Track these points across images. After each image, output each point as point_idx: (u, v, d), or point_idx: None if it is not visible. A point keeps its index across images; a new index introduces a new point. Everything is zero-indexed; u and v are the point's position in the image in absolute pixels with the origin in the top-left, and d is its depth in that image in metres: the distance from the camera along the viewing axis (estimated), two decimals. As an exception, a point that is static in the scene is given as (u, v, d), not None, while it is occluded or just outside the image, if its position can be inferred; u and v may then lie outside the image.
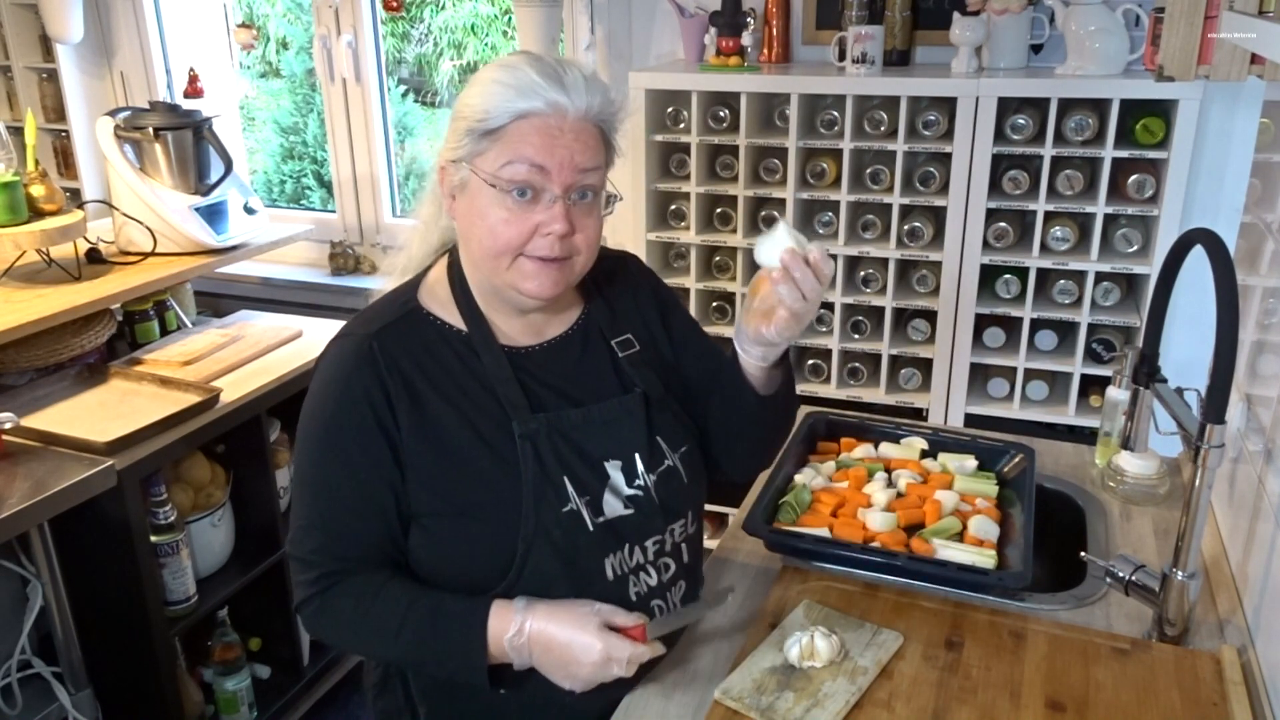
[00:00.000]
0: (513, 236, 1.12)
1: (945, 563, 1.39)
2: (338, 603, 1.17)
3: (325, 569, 1.17)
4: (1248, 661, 1.24)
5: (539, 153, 1.10)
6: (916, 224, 2.34)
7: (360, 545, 1.17)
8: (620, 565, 1.19)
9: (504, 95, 1.10)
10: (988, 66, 2.34)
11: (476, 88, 1.13)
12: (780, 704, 1.15)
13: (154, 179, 2.53)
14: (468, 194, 1.15)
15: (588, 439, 1.19)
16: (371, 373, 1.15)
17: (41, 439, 1.90)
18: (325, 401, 1.17)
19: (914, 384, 2.48)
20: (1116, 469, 1.65)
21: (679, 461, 1.25)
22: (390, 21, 4.21)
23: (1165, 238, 2.13)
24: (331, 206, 3.40)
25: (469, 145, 1.12)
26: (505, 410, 1.16)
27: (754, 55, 2.57)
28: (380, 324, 1.19)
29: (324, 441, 1.17)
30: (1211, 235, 1.15)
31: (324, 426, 1.17)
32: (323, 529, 1.17)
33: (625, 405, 1.22)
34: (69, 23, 3.11)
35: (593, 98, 1.12)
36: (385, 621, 1.15)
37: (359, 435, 1.15)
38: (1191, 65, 1.62)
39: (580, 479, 1.17)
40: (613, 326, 1.27)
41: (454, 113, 1.15)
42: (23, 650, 1.97)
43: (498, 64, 1.14)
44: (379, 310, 1.22)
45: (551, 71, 1.11)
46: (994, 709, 1.16)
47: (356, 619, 1.16)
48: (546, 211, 1.12)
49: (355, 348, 1.17)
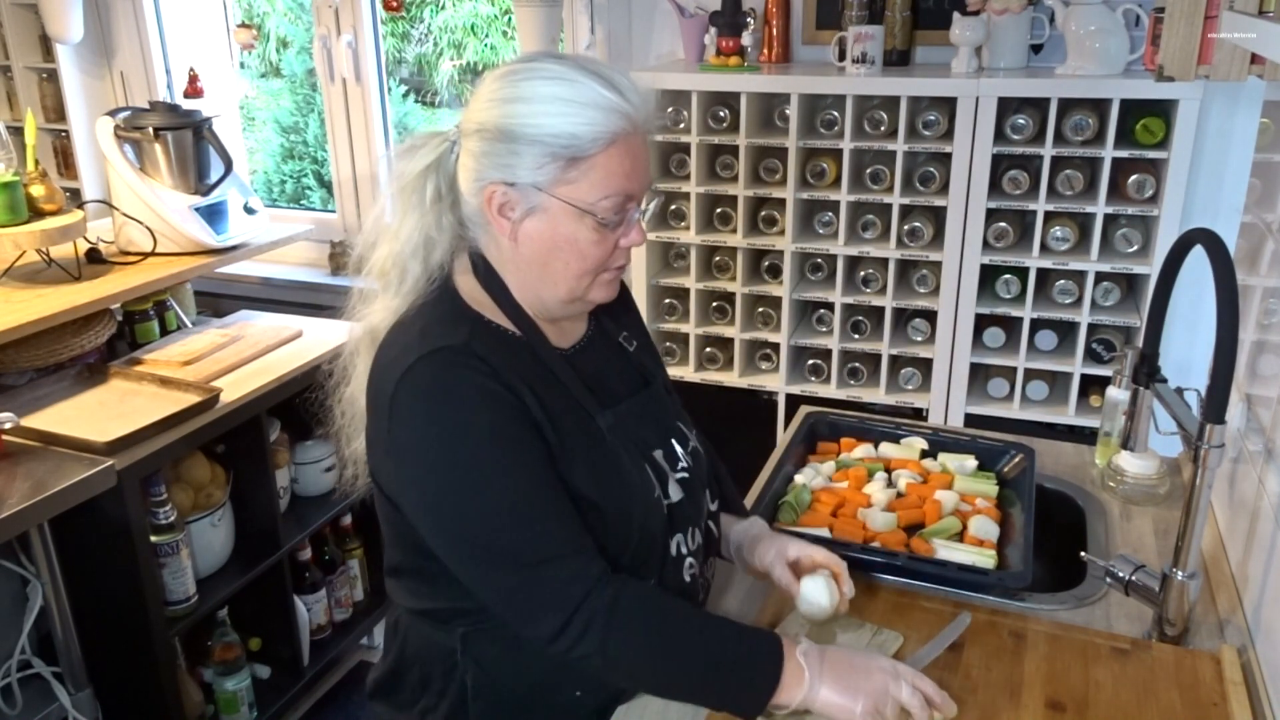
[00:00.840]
0: (600, 256, 1.12)
1: (945, 563, 1.39)
2: (624, 611, 1.06)
3: (589, 562, 1.06)
4: (1248, 661, 1.24)
5: (631, 180, 1.09)
6: (916, 224, 2.34)
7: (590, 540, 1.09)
8: (681, 547, 1.21)
9: (588, 119, 1.05)
10: (988, 66, 2.34)
11: (546, 106, 1.05)
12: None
13: (154, 179, 2.53)
14: (545, 220, 1.10)
15: (641, 430, 1.21)
16: (491, 375, 1.08)
17: (41, 439, 1.90)
18: (470, 408, 1.06)
19: (914, 384, 2.48)
20: (1116, 469, 1.65)
21: (698, 442, 1.30)
22: (390, 21, 4.21)
23: (1165, 238, 2.13)
24: (331, 206, 3.40)
25: (547, 173, 1.07)
26: (585, 409, 1.16)
27: (754, 55, 2.57)
28: (465, 332, 1.11)
29: (499, 442, 1.06)
30: (1211, 235, 1.15)
31: (488, 430, 1.06)
32: (561, 527, 1.06)
33: (653, 395, 1.26)
34: (69, 23, 3.11)
35: (648, 98, 1.10)
36: (677, 640, 1.08)
37: (525, 425, 1.08)
38: (1191, 65, 1.62)
39: (655, 465, 1.20)
40: (614, 326, 1.29)
41: (514, 132, 1.06)
42: (23, 650, 1.97)
43: (549, 77, 1.07)
44: (443, 324, 1.13)
45: (607, 81, 1.07)
46: (994, 709, 1.16)
47: (645, 634, 1.07)
48: (628, 228, 1.13)
49: (457, 358, 1.08)
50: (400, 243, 1.16)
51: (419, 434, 1.07)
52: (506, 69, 1.11)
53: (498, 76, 1.10)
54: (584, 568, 1.06)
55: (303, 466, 2.48)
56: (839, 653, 1.12)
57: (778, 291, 2.50)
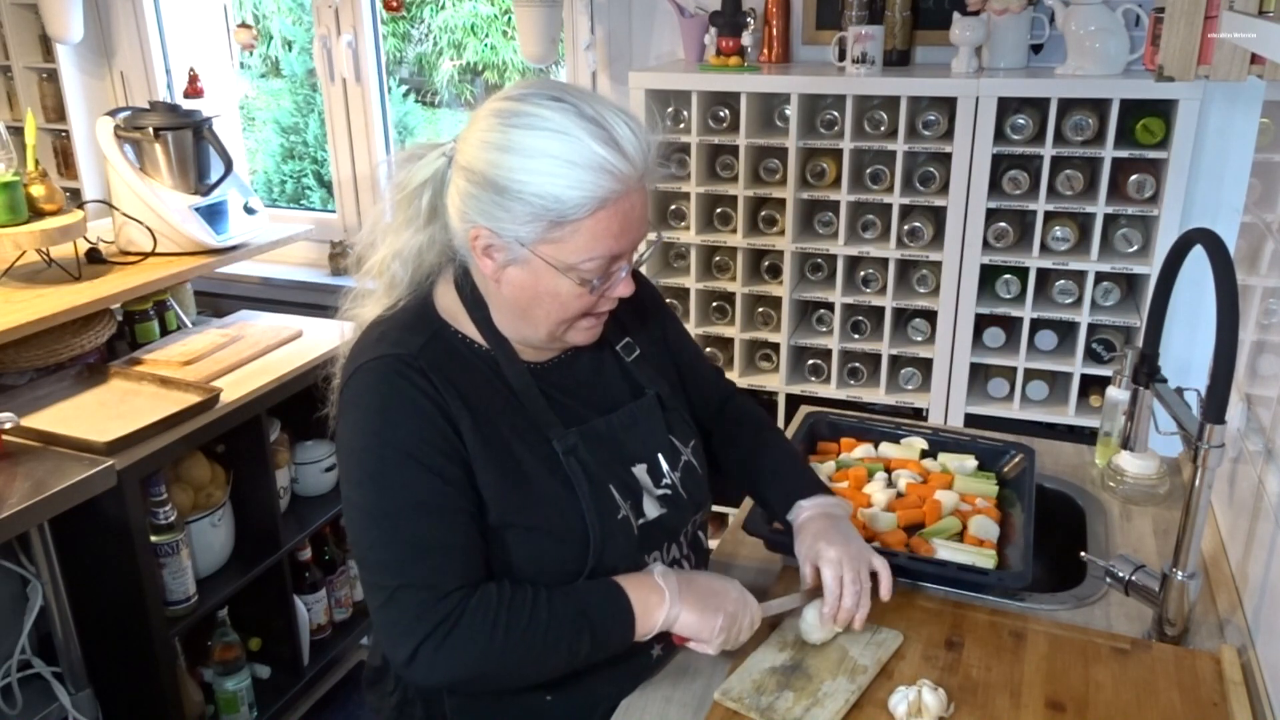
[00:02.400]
0: (583, 307, 1.12)
1: (945, 563, 1.39)
2: (474, 623, 1.07)
3: (446, 591, 1.07)
4: (1248, 661, 1.24)
5: (618, 241, 1.07)
6: (916, 224, 2.34)
7: (468, 563, 1.10)
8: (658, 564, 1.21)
9: (576, 182, 1.02)
10: (988, 66, 2.34)
11: (523, 161, 1.03)
12: (780, 704, 1.15)
13: (154, 179, 2.53)
14: (527, 272, 1.09)
15: (617, 445, 1.20)
16: (429, 390, 1.09)
17: (41, 439, 1.90)
18: (390, 422, 1.09)
19: (914, 384, 2.48)
20: (1116, 469, 1.65)
21: (691, 455, 1.28)
22: (390, 21, 4.21)
23: (1165, 238, 2.13)
24: (331, 206, 3.40)
25: (530, 230, 1.05)
26: (540, 430, 1.16)
27: (754, 55, 2.57)
28: (418, 343, 1.13)
29: (404, 462, 1.08)
30: (1211, 235, 1.15)
31: (399, 447, 1.08)
32: (429, 552, 1.08)
33: (643, 408, 1.24)
34: (69, 23, 3.11)
35: (647, 154, 1.07)
36: (523, 627, 1.09)
37: (440, 448, 1.09)
38: (1191, 65, 1.62)
39: (623, 484, 1.19)
40: (615, 334, 1.28)
41: (500, 184, 1.04)
42: (23, 650, 1.97)
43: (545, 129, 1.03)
44: (403, 330, 1.15)
45: (605, 135, 1.03)
46: (994, 709, 1.16)
47: (499, 636, 1.08)
48: (615, 283, 1.12)
49: (401, 367, 1.10)
50: (393, 248, 1.18)
51: (347, 433, 1.12)
52: (504, 106, 1.07)
53: (494, 113, 1.07)
54: (433, 605, 1.06)
55: (303, 466, 2.48)
56: (696, 576, 1.18)
57: (778, 291, 2.50)
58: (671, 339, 1.37)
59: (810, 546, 1.25)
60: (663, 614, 1.13)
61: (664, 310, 1.39)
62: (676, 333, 1.39)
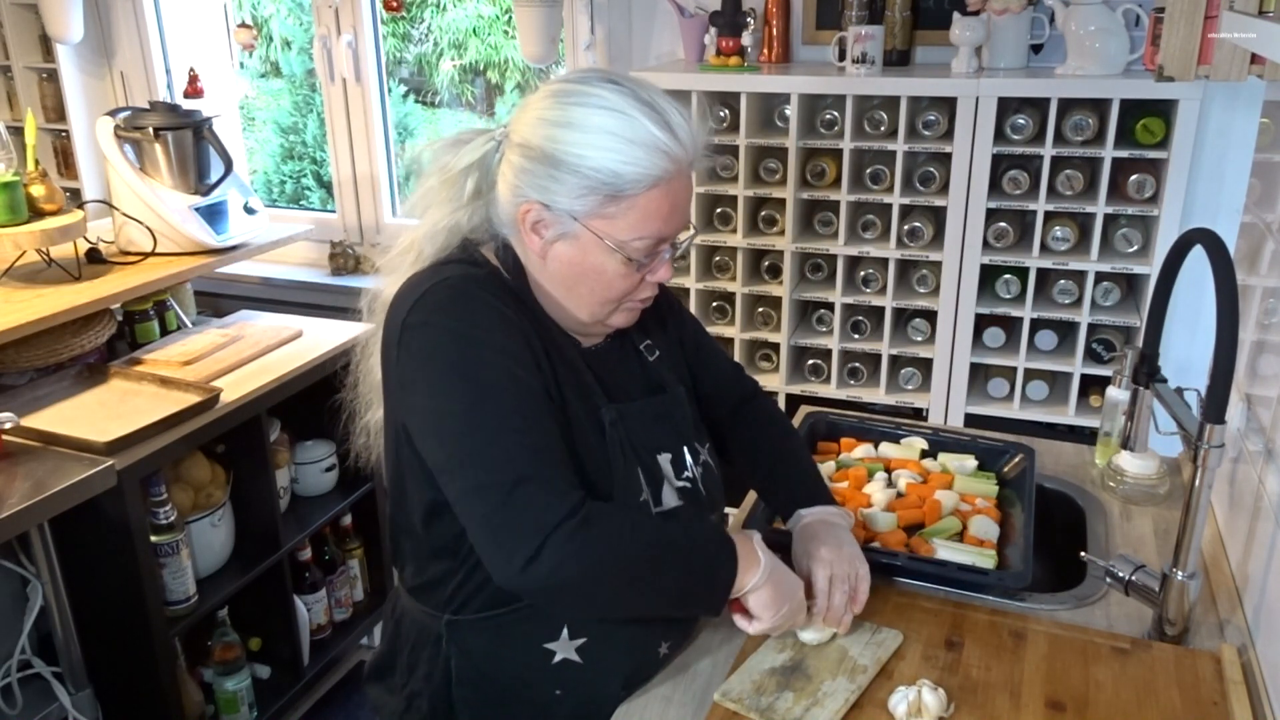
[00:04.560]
0: (626, 289, 1.13)
1: (945, 563, 1.39)
2: (604, 519, 1.05)
3: (568, 487, 1.04)
4: (1247, 661, 1.24)
5: (668, 223, 1.09)
6: (916, 224, 2.34)
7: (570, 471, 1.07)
8: None
9: (633, 159, 1.05)
10: (988, 66, 2.34)
11: (594, 138, 1.05)
12: (780, 704, 1.15)
13: (154, 179, 2.53)
14: (576, 247, 1.11)
15: (647, 431, 1.21)
16: (508, 308, 1.09)
17: (41, 439, 1.90)
18: (482, 326, 1.07)
19: (914, 384, 2.48)
20: (1116, 469, 1.65)
21: (709, 456, 1.29)
22: (390, 22, 4.21)
23: (1165, 238, 2.13)
24: (331, 206, 3.40)
25: (586, 204, 1.07)
26: (592, 395, 1.16)
27: (754, 55, 2.57)
28: (484, 272, 1.13)
29: (504, 365, 1.06)
30: (1211, 235, 1.15)
31: (498, 349, 1.06)
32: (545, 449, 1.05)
33: (675, 399, 1.26)
34: (69, 23, 3.11)
35: (698, 140, 1.09)
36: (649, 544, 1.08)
37: (532, 360, 1.08)
38: (1191, 65, 1.62)
39: (648, 469, 1.19)
40: (639, 334, 1.29)
41: (557, 158, 1.06)
42: (23, 650, 1.97)
43: (603, 106, 1.06)
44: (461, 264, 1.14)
45: (660, 119, 1.06)
46: (994, 708, 1.16)
47: (627, 536, 1.06)
48: (659, 265, 1.13)
49: (477, 284, 1.10)
50: (428, 226, 1.18)
51: (430, 341, 1.07)
52: (561, 87, 1.10)
53: (551, 94, 1.09)
54: (562, 495, 1.03)
55: (303, 466, 2.48)
56: (779, 561, 1.20)
57: (778, 291, 2.50)
58: (687, 341, 1.38)
59: (805, 549, 1.27)
60: (754, 578, 1.15)
61: (681, 313, 1.39)
62: (694, 333, 1.40)
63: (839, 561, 1.25)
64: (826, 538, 1.27)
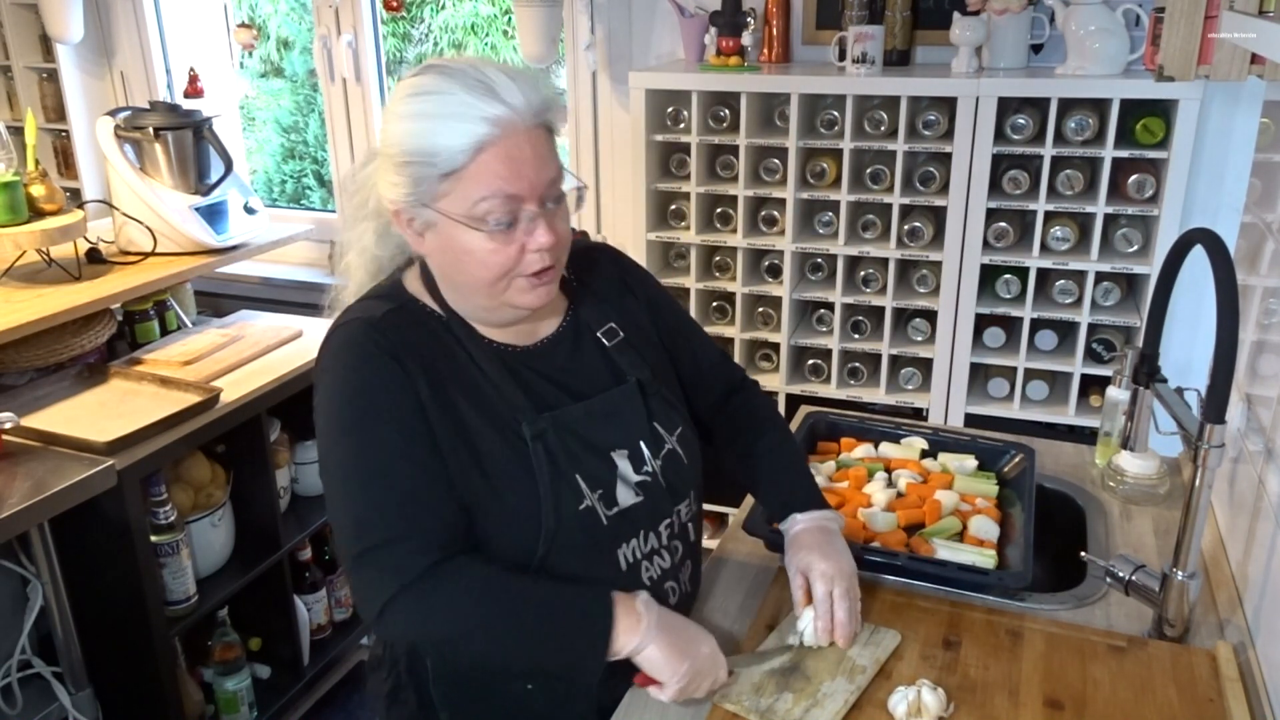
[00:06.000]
0: (503, 263, 1.11)
1: (945, 563, 1.39)
2: (453, 582, 1.08)
3: (425, 547, 1.08)
4: (1247, 661, 1.24)
5: (509, 182, 1.07)
6: (916, 224, 2.34)
7: (447, 524, 1.10)
8: (633, 553, 1.21)
9: (446, 131, 1.05)
10: (988, 66, 2.34)
11: (405, 125, 1.07)
12: (780, 705, 1.15)
13: (154, 179, 2.54)
14: (440, 233, 1.11)
15: (594, 432, 1.19)
16: (393, 354, 1.12)
17: (41, 439, 1.90)
18: (362, 382, 1.11)
19: (914, 384, 2.48)
20: (1116, 469, 1.65)
21: (677, 444, 1.27)
22: (391, 21, 4.21)
23: (1165, 238, 2.13)
24: (331, 206, 3.40)
25: (425, 189, 1.08)
26: (510, 411, 1.15)
27: (754, 55, 2.57)
28: (383, 309, 1.15)
29: (377, 417, 1.10)
30: (1211, 235, 1.15)
31: (368, 407, 1.10)
32: (407, 506, 1.09)
33: (624, 394, 1.23)
34: (69, 23, 3.11)
35: (531, 95, 1.08)
36: (501, 606, 1.09)
37: (411, 410, 1.11)
38: (1191, 65, 1.62)
39: (592, 474, 1.18)
40: (598, 319, 1.27)
41: (385, 153, 1.10)
42: (23, 650, 1.97)
43: (416, 93, 1.08)
44: (370, 300, 1.19)
45: (478, 84, 1.06)
46: (992, 708, 1.16)
47: (466, 605, 1.09)
48: (529, 231, 1.10)
49: (367, 329, 1.13)
50: (351, 245, 1.25)
51: (321, 397, 1.14)
52: (395, 90, 1.13)
53: (391, 98, 1.13)
54: (410, 559, 1.07)
55: (303, 466, 2.48)
56: (677, 618, 1.17)
57: (778, 291, 2.50)
58: (662, 322, 1.34)
59: (803, 559, 1.25)
60: (635, 640, 1.11)
61: (652, 291, 1.36)
62: (670, 315, 1.37)
63: (840, 575, 1.23)
64: (826, 550, 1.25)
